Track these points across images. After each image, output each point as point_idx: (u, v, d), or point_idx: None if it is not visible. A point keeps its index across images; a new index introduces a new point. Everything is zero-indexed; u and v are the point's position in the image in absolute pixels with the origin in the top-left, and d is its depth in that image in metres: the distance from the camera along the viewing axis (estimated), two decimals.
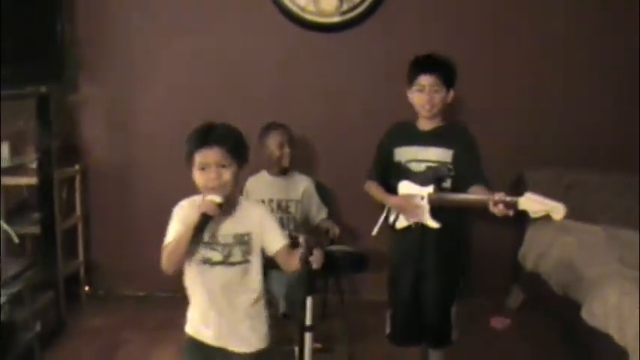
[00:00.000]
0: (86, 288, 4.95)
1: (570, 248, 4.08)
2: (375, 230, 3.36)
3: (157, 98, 4.86)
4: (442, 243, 3.20)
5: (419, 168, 3.18)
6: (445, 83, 3.18)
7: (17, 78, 3.86)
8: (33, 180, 4.29)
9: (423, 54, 3.29)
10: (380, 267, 4.03)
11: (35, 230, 4.33)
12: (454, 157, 3.15)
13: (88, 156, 4.91)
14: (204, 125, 2.56)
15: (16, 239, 3.65)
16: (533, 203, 2.79)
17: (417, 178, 3.17)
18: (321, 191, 4.28)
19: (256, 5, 4.74)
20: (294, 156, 4.11)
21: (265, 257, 2.59)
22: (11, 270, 3.83)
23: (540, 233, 4.43)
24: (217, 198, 2.40)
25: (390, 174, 3.30)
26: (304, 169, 4.33)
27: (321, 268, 2.49)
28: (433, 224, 3.14)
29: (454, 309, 3.29)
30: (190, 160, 2.50)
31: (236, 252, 2.51)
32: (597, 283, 3.53)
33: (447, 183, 3.16)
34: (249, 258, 2.53)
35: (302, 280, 2.74)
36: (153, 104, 4.87)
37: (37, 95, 4.15)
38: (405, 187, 3.21)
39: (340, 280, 4.18)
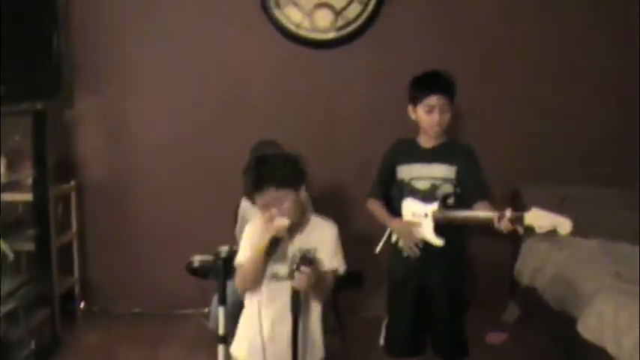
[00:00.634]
0: (81, 305, 4.94)
1: (565, 263, 4.08)
2: (379, 248, 3.33)
3: (153, 114, 4.88)
4: (447, 256, 3.17)
5: (423, 186, 3.16)
6: (451, 101, 3.15)
7: (13, 95, 3.89)
8: (28, 196, 4.29)
9: (427, 71, 3.24)
10: (376, 283, 4.03)
11: (30, 247, 4.32)
12: (457, 174, 3.14)
13: (84, 172, 4.91)
14: (254, 166, 2.57)
15: (12, 256, 3.64)
16: (539, 218, 2.77)
17: (421, 196, 3.15)
18: (315, 207, 4.28)
19: (251, 22, 4.77)
20: None
21: None
22: (6, 287, 3.81)
23: (535, 248, 4.43)
24: (285, 222, 2.45)
25: (393, 191, 3.28)
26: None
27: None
28: (437, 242, 3.11)
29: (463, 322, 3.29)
30: (250, 195, 2.55)
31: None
32: (593, 298, 3.53)
33: (451, 199, 3.14)
34: None
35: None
36: (149, 120, 4.89)
37: (33, 112, 4.15)
38: (409, 205, 3.18)
39: (337, 297, 4.16)
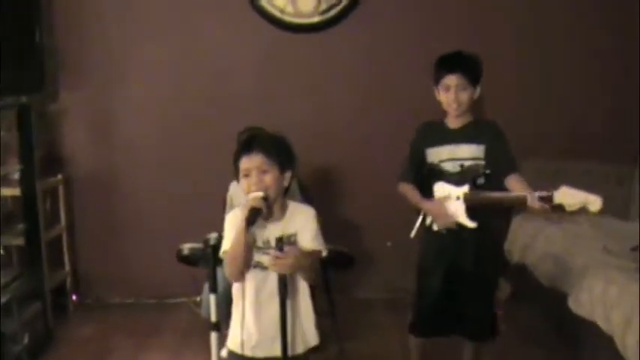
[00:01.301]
0: (73, 297, 4.93)
1: (555, 239, 4.11)
2: (414, 232, 3.32)
3: (138, 105, 4.86)
4: (480, 239, 3.19)
5: (453, 168, 3.16)
6: (471, 81, 3.14)
7: None
8: (16, 191, 4.27)
9: (450, 52, 3.24)
10: (365, 266, 4.07)
11: (20, 242, 4.30)
12: (486, 152, 3.14)
13: (71, 165, 4.89)
14: (248, 135, 2.63)
15: (2, 251, 3.63)
16: (569, 197, 2.80)
17: (452, 179, 3.15)
18: (303, 191, 4.29)
19: (234, 8, 4.74)
20: None
21: None
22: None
23: (525, 225, 4.46)
24: (259, 193, 2.43)
25: (423, 175, 3.27)
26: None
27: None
28: (470, 224, 3.12)
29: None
30: (236, 169, 2.51)
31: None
32: (582, 273, 3.56)
33: (482, 179, 3.14)
34: None
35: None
36: (134, 111, 4.87)
37: (18, 106, 4.13)
38: (441, 189, 3.19)
39: (328, 279, 4.17)
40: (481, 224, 3.12)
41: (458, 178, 3.14)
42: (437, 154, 3.21)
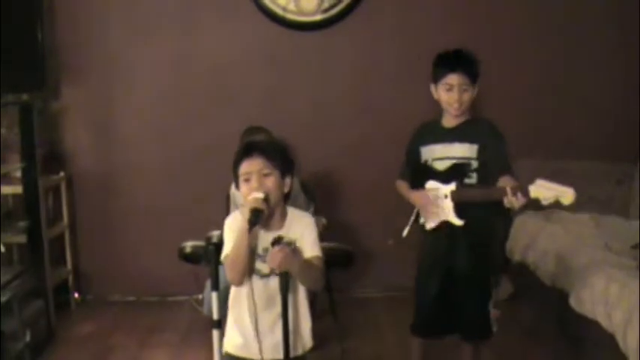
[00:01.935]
0: (75, 295, 4.94)
1: (557, 238, 4.11)
2: (406, 231, 3.32)
3: (140, 103, 4.86)
4: (472, 240, 3.18)
5: (443, 166, 3.16)
6: (472, 81, 3.13)
7: None
8: (18, 189, 4.28)
9: (448, 50, 3.22)
10: (366, 264, 4.07)
11: (22, 239, 4.31)
12: (479, 152, 3.12)
13: (73, 163, 4.90)
14: (247, 140, 2.63)
15: (3, 248, 3.63)
16: (543, 190, 2.82)
17: (441, 177, 3.15)
18: (306, 188, 4.29)
19: (238, 7, 4.75)
20: None
21: None
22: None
23: (527, 224, 4.46)
24: (259, 194, 2.40)
25: (417, 173, 3.28)
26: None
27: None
28: (457, 221, 3.11)
29: (491, 304, 3.30)
30: (236, 175, 2.50)
31: None
32: (584, 271, 3.56)
33: (472, 179, 3.13)
34: None
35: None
36: (136, 109, 4.87)
37: (20, 104, 4.14)
38: (431, 187, 3.19)
39: (328, 278, 4.17)
40: (474, 222, 3.12)
41: (446, 177, 3.14)
42: (430, 152, 3.21)
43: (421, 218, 3.27)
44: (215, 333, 3.21)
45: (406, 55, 4.77)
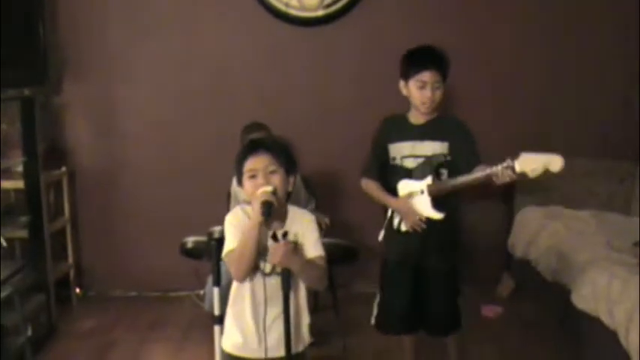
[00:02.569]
0: (77, 290, 4.94)
1: (559, 234, 4.10)
2: (381, 236, 3.32)
3: (142, 98, 4.86)
4: (443, 238, 3.20)
5: (414, 164, 3.14)
6: (444, 78, 3.12)
7: (0, 82, 3.84)
8: (20, 184, 4.27)
9: (420, 46, 3.19)
10: (368, 259, 4.06)
11: (24, 234, 4.31)
12: (450, 149, 3.12)
13: (75, 158, 4.89)
14: (251, 139, 2.65)
15: (4, 243, 3.63)
16: (529, 162, 2.81)
17: (414, 174, 3.13)
18: (307, 184, 4.29)
19: (239, 2, 4.74)
20: None
21: None
22: (1, 275, 3.81)
23: (529, 220, 4.46)
24: (268, 187, 2.40)
25: (387, 172, 3.25)
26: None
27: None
28: (437, 215, 3.10)
29: (460, 297, 3.32)
30: (240, 172, 2.48)
31: None
32: (586, 268, 3.55)
33: (443, 175, 3.13)
34: None
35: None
36: (138, 104, 4.86)
37: (21, 99, 4.13)
38: (405, 186, 3.16)
39: (331, 273, 4.17)
40: (446, 217, 3.11)
41: (419, 173, 3.12)
42: (398, 150, 3.18)
43: (395, 220, 3.25)
44: (216, 329, 3.21)
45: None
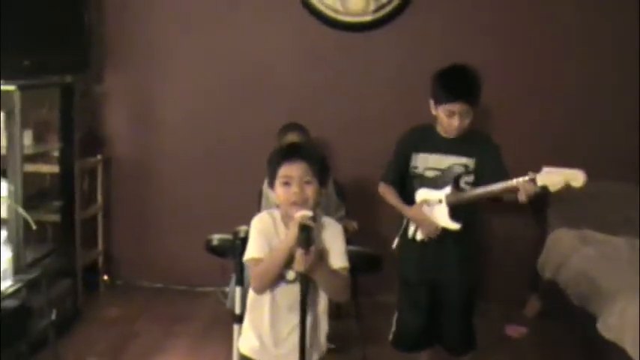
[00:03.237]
0: (105, 277, 4.99)
1: (590, 259, 4.02)
2: (395, 243, 3.31)
3: (181, 93, 4.90)
4: (460, 250, 3.16)
5: (434, 174, 3.12)
6: (475, 105, 3.07)
7: (43, 67, 3.92)
8: (55, 168, 4.34)
9: (452, 69, 3.14)
10: (393, 269, 4.02)
11: (56, 218, 4.38)
12: (476, 166, 3.09)
13: (111, 147, 4.96)
14: (288, 144, 2.61)
15: (34, 225, 3.68)
16: (551, 176, 2.77)
17: (433, 183, 3.11)
18: (339, 189, 4.27)
19: (283, 3, 4.75)
20: None
21: None
22: (30, 256, 3.87)
23: (560, 242, 4.37)
24: (308, 212, 2.33)
25: (406, 181, 3.23)
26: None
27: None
28: (453, 226, 3.06)
29: (475, 316, 3.29)
30: (273, 176, 2.44)
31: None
32: (615, 296, 3.47)
33: (468, 182, 3.09)
34: None
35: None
36: (175, 100, 4.91)
37: (62, 85, 4.19)
38: (422, 194, 3.14)
39: (355, 281, 4.14)
40: (463, 229, 3.07)
41: (439, 182, 3.09)
42: (423, 161, 3.16)
43: (410, 229, 3.22)
44: (236, 328, 3.19)
45: (452, 61, 4.71)
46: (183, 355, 4.03)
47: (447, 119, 3.08)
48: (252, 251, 2.44)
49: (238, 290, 3.27)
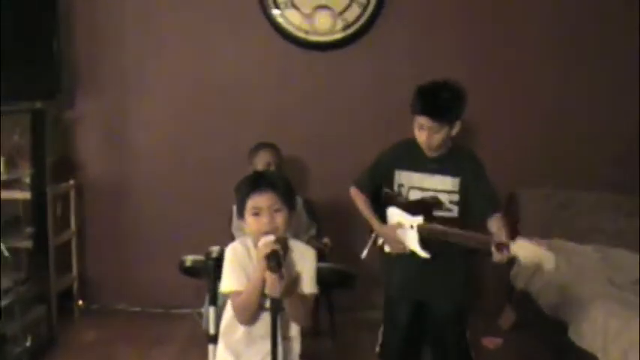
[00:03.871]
0: (79, 302, 4.96)
1: (560, 268, 4.02)
2: (364, 254, 3.33)
3: (152, 116, 4.91)
4: (441, 268, 3.10)
5: (417, 196, 3.08)
6: (447, 122, 2.99)
7: (13, 93, 3.90)
8: (27, 195, 4.32)
9: (431, 84, 3.04)
10: (369, 285, 4.03)
11: (29, 245, 4.35)
12: (461, 185, 3.04)
13: (83, 171, 4.94)
14: (253, 173, 2.61)
15: (6, 253, 3.67)
16: (524, 250, 2.65)
17: (407, 207, 3.08)
18: (311, 207, 4.30)
19: (251, 24, 4.79)
20: (284, 174, 4.11)
21: None
22: (3, 284, 3.85)
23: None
24: (270, 237, 2.37)
25: (380, 192, 3.23)
26: (293, 183, 4.35)
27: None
28: (423, 254, 3.03)
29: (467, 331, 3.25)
30: (242, 207, 2.46)
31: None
32: (584, 304, 3.53)
33: (453, 212, 3.03)
34: None
35: None
36: (148, 121, 4.92)
37: (32, 111, 4.19)
38: (394, 215, 3.14)
39: (331, 298, 4.17)
40: (442, 255, 3.02)
41: (413, 208, 3.05)
42: (407, 179, 3.13)
43: (379, 240, 3.24)
44: (211, 348, 3.21)
45: (419, 80, 4.76)
46: None
47: (417, 131, 3.04)
48: (230, 284, 2.46)
49: (212, 310, 3.29)
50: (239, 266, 2.45)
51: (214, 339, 3.17)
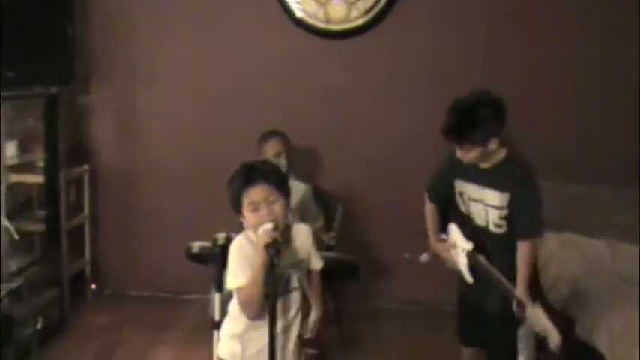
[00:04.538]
0: (92, 286, 5.02)
1: (570, 262, 4.05)
2: (425, 256, 3.28)
3: (166, 103, 4.93)
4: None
5: (478, 213, 2.97)
6: (474, 144, 2.83)
7: (28, 78, 3.95)
8: (40, 178, 4.37)
9: (455, 103, 2.89)
10: (375, 276, 4.06)
11: (42, 228, 4.41)
12: (510, 202, 2.88)
13: (97, 157, 4.99)
14: (243, 166, 2.51)
15: (16, 235, 3.71)
16: (537, 318, 2.69)
17: (465, 228, 3.05)
18: (320, 195, 4.30)
19: (266, 12, 4.79)
20: (293, 162, 4.12)
21: None
22: (14, 266, 3.90)
23: (542, 246, 4.39)
24: (268, 225, 2.36)
25: (449, 199, 3.14)
26: (306, 173, 4.37)
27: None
28: (468, 278, 3.03)
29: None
30: (237, 203, 2.45)
31: (294, 278, 2.50)
32: (592, 299, 3.52)
33: (502, 228, 2.91)
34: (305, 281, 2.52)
35: None
36: (160, 109, 4.95)
37: (47, 96, 4.23)
38: (453, 233, 3.11)
39: (337, 288, 4.18)
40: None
41: (469, 232, 3.03)
42: (465, 189, 3.03)
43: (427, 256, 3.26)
44: (215, 334, 3.24)
45: (438, 69, 4.76)
46: None
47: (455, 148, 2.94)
48: (238, 279, 2.43)
49: (217, 297, 3.32)
50: (245, 260, 2.44)
51: (219, 325, 3.21)
